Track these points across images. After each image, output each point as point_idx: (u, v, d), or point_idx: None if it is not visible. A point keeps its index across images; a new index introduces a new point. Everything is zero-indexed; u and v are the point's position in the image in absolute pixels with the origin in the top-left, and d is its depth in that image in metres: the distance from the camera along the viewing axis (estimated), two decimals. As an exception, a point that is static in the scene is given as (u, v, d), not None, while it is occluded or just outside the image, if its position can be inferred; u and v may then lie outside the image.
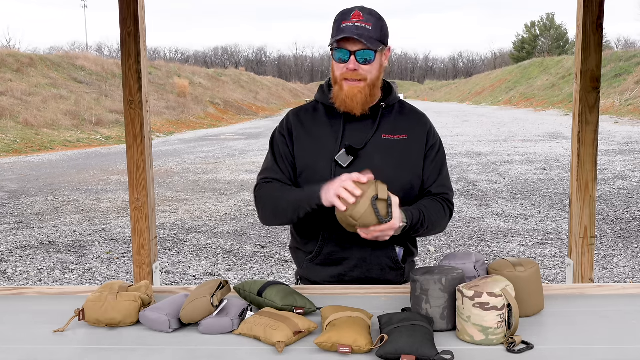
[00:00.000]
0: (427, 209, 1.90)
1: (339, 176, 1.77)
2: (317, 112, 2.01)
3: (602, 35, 2.47)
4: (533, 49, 72.53)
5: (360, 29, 1.83)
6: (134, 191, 2.62)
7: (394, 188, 1.85)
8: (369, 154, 1.92)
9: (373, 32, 1.85)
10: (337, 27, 1.87)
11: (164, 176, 11.58)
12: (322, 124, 1.98)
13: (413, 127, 1.99)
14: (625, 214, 7.56)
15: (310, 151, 1.96)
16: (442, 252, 5.96)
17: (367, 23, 1.85)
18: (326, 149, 1.93)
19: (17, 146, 16.67)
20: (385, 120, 1.97)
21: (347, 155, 1.91)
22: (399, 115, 2.00)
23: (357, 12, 1.86)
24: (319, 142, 1.95)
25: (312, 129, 1.98)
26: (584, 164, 2.50)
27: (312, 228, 2.00)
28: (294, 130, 1.99)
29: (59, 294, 2.03)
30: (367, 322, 1.59)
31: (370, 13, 1.87)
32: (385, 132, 1.95)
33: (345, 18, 1.86)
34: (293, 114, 2.04)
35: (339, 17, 1.88)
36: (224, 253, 6.13)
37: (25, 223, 7.63)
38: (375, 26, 1.86)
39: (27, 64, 25.58)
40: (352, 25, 1.84)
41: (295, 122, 2.01)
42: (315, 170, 1.94)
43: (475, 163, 12.65)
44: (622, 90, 27.83)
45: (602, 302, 1.84)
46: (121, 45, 2.56)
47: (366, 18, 1.85)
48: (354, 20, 1.84)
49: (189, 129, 25.57)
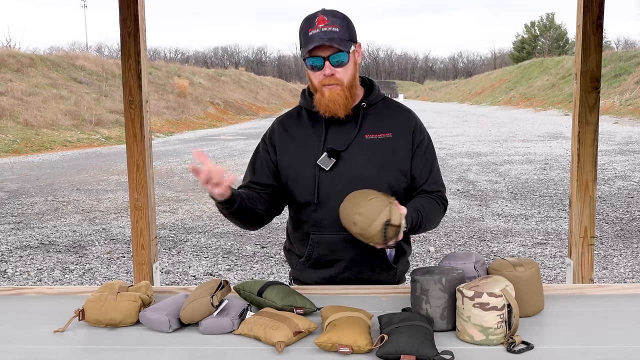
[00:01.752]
0: (425, 209, 1.90)
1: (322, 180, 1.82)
2: (301, 118, 2.02)
3: (602, 35, 2.47)
4: (533, 49, 72.55)
5: (328, 34, 1.82)
6: (134, 191, 2.62)
7: (379, 187, 1.85)
8: (352, 156, 1.91)
9: (341, 33, 1.84)
10: (304, 36, 1.86)
11: (164, 176, 11.58)
12: (306, 129, 1.98)
13: (398, 124, 1.97)
14: (625, 214, 7.56)
15: (295, 157, 1.96)
16: (442, 252, 5.96)
17: (333, 26, 1.84)
18: (309, 154, 1.94)
19: (17, 146, 16.67)
20: (368, 120, 1.96)
21: (329, 159, 1.91)
22: (382, 113, 1.99)
23: (321, 17, 1.85)
24: (302, 148, 1.96)
25: (296, 135, 1.99)
26: (584, 164, 2.50)
27: (301, 231, 2.00)
28: (277, 140, 2.00)
29: (59, 294, 2.03)
30: (367, 322, 1.59)
31: (334, 15, 1.86)
32: (368, 131, 1.94)
33: (311, 25, 1.85)
34: (277, 123, 2.05)
35: (304, 25, 1.87)
36: (224, 253, 6.13)
37: (25, 223, 7.63)
38: (341, 27, 1.85)
39: (27, 64, 25.58)
40: (320, 31, 1.83)
41: (280, 131, 2.01)
42: (299, 176, 1.95)
43: (475, 163, 12.65)
44: (622, 90, 27.83)
45: (602, 302, 1.84)
46: (121, 45, 2.56)
47: (331, 21, 1.84)
48: (320, 25, 1.83)
49: (189, 129, 25.58)
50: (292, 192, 1.98)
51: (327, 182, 1.91)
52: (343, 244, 1.93)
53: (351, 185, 1.87)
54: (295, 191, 1.96)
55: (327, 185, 1.91)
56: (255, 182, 2.01)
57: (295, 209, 2.01)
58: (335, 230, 1.92)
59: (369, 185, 1.85)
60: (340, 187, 1.90)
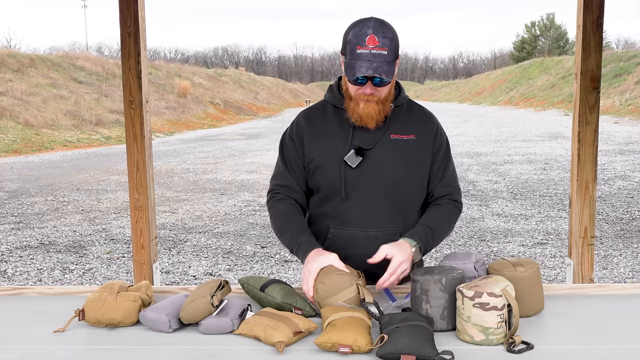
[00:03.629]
0: (436, 224, 1.96)
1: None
2: (327, 113, 2.02)
3: (602, 35, 2.47)
4: (533, 49, 72.50)
5: (377, 58, 1.79)
6: (134, 191, 2.62)
7: (405, 187, 1.93)
8: (378, 155, 1.94)
9: (389, 57, 1.82)
10: (351, 51, 1.82)
11: (164, 176, 11.58)
12: (332, 124, 1.99)
13: (421, 127, 2.00)
14: (625, 214, 7.55)
15: (321, 152, 1.98)
16: (442, 252, 5.96)
17: (382, 49, 1.80)
18: (336, 150, 1.95)
19: (17, 146, 16.67)
20: (395, 121, 1.98)
21: (356, 156, 1.92)
22: (407, 115, 2.01)
23: (371, 37, 1.80)
24: (329, 143, 1.97)
25: (322, 130, 2.00)
26: (584, 164, 2.50)
27: (321, 225, 2.02)
28: (304, 134, 2.01)
29: (59, 294, 2.03)
30: (367, 322, 1.59)
31: (384, 35, 1.81)
32: (394, 132, 1.97)
33: (360, 43, 1.80)
34: (303, 116, 2.05)
35: (353, 40, 1.82)
36: (224, 253, 6.13)
37: (25, 223, 7.63)
38: (390, 49, 1.82)
39: (28, 64, 25.57)
40: (369, 53, 1.79)
41: (306, 125, 2.02)
42: (325, 171, 1.96)
43: (475, 163, 12.65)
44: (622, 90, 27.81)
45: (602, 302, 1.84)
46: (121, 45, 2.56)
47: (381, 43, 1.80)
48: (370, 46, 1.80)
49: (189, 129, 25.57)
50: (318, 184, 1.99)
51: (352, 179, 1.93)
52: (360, 241, 1.96)
53: (376, 183, 1.93)
54: (322, 183, 1.98)
55: (352, 182, 1.94)
56: (291, 187, 2.03)
57: (318, 202, 2.02)
58: (355, 227, 1.95)
59: (395, 184, 1.93)
60: (364, 184, 1.93)
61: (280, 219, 1.99)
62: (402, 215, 1.97)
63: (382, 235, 1.94)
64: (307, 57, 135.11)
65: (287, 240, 1.95)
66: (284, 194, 2.02)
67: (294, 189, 2.02)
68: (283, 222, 1.98)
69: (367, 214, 1.95)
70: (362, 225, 1.95)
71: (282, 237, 1.99)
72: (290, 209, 2.00)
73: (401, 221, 1.97)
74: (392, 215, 1.96)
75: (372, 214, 1.95)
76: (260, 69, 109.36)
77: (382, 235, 1.94)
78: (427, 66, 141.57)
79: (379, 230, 1.95)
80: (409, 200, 1.98)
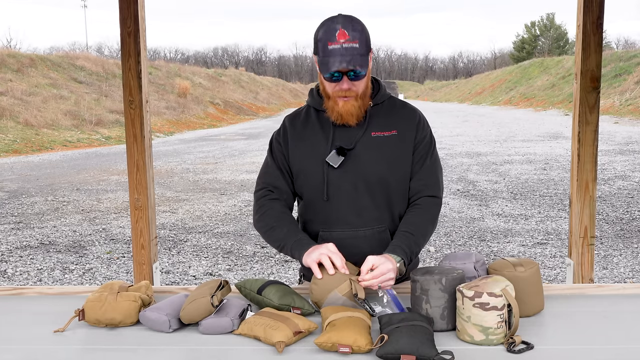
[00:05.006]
0: (416, 227, 1.92)
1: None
2: (309, 116, 2.03)
3: (602, 35, 2.47)
4: (533, 49, 72.51)
5: (349, 51, 1.79)
6: (134, 191, 2.62)
7: (389, 184, 1.92)
8: (360, 153, 1.93)
9: (361, 49, 1.81)
10: (323, 49, 1.82)
11: (164, 176, 11.58)
12: (314, 127, 2.00)
13: (402, 122, 1.99)
14: (625, 214, 7.55)
15: (304, 155, 1.98)
16: (442, 252, 5.96)
17: (354, 42, 1.79)
18: (318, 152, 1.95)
19: (17, 146, 16.67)
20: (375, 118, 1.97)
21: (337, 156, 1.92)
22: (389, 111, 2.01)
23: (341, 31, 1.79)
24: (311, 146, 1.97)
25: (305, 133, 2.00)
26: (584, 164, 2.50)
27: (310, 229, 2.02)
28: (289, 138, 2.02)
29: (59, 294, 2.03)
30: (367, 322, 1.59)
31: (354, 28, 1.81)
32: (375, 129, 1.96)
33: (331, 38, 1.80)
34: (288, 120, 2.06)
35: (324, 37, 1.82)
36: (224, 253, 6.13)
37: (25, 223, 7.63)
38: (361, 41, 1.81)
39: (28, 64, 25.57)
40: (340, 47, 1.79)
41: (290, 128, 2.03)
42: (308, 173, 1.96)
43: (475, 163, 12.65)
44: (622, 90, 27.82)
45: (602, 302, 1.84)
46: (121, 45, 2.56)
47: (352, 36, 1.79)
48: (341, 40, 1.79)
49: (189, 129, 25.57)
50: (301, 189, 2.00)
51: (336, 179, 1.93)
52: (351, 241, 1.94)
53: (360, 181, 1.92)
54: (305, 188, 1.98)
55: (336, 182, 1.93)
56: (281, 188, 2.02)
57: (304, 207, 2.03)
58: (343, 227, 1.95)
59: (379, 182, 1.91)
60: (348, 184, 1.92)
61: (274, 216, 1.98)
62: (389, 212, 1.96)
63: (371, 234, 1.94)
64: (307, 57, 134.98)
65: (280, 236, 1.92)
66: (277, 195, 2.02)
67: (285, 190, 2.02)
68: (277, 219, 1.97)
69: (354, 213, 1.94)
70: (351, 225, 1.94)
71: (272, 233, 1.96)
72: (284, 209, 2.00)
73: (389, 218, 1.96)
74: (380, 213, 1.95)
75: (359, 213, 1.94)
76: (260, 69, 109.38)
77: (371, 234, 1.94)
78: (427, 66, 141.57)
79: (367, 228, 1.94)
80: (395, 196, 1.96)
